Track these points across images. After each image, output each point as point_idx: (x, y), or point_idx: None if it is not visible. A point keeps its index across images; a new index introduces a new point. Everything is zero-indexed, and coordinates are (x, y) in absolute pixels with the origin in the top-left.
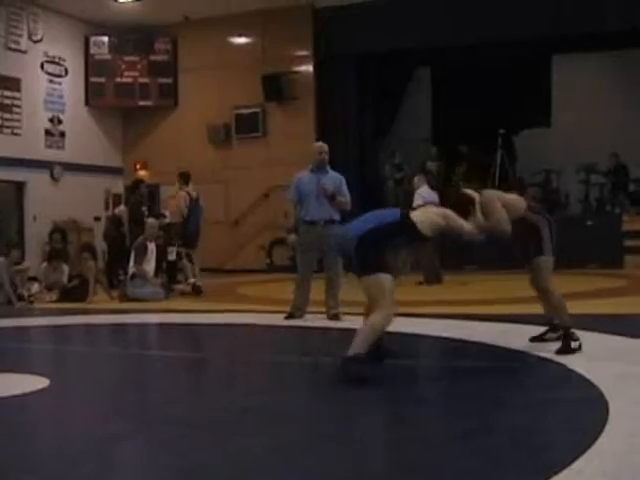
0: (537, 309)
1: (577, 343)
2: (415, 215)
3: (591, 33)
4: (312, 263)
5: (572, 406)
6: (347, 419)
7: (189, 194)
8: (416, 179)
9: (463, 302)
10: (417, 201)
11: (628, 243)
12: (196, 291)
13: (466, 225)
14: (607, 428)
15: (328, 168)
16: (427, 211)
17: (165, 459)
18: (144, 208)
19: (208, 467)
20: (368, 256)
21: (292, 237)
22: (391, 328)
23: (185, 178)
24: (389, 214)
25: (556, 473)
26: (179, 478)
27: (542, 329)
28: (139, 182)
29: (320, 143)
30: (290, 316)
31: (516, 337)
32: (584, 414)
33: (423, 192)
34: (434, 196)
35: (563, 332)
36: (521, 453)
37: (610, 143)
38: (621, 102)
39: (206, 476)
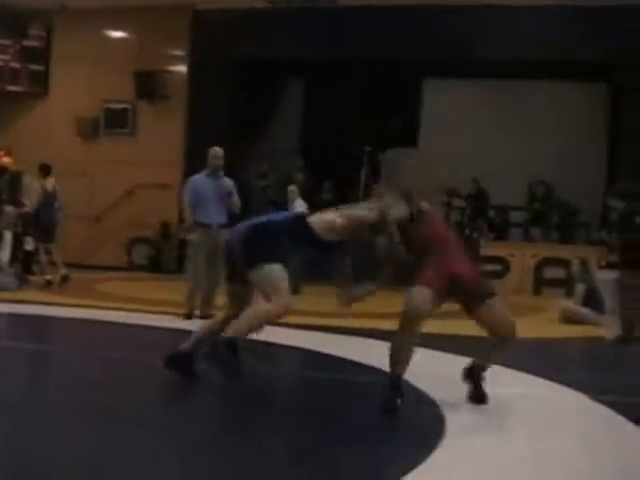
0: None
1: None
2: (309, 218)
3: (464, 60)
4: (203, 264)
5: (409, 422)
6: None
7: (43, 187)
8: (290, 189)
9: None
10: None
11: (484, 267)
12: (64, 280)
13: (368, 213)
14: (442, 444)
15: (221, 173)
16: (322, 214)
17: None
18: (4, 196)
19: (39, 462)
20: (257, 247)
21: (195, 235)
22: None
23: (44, 170)
24: (280, 215)
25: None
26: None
27: None
28: (1, 169)
29: (217, 148)
30: (188, 317)
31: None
32: (422, 430)
33: (298, 204)
34: (304, 207)
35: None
36: (356, 465)
37: (473, 169)
38: (486, 130)
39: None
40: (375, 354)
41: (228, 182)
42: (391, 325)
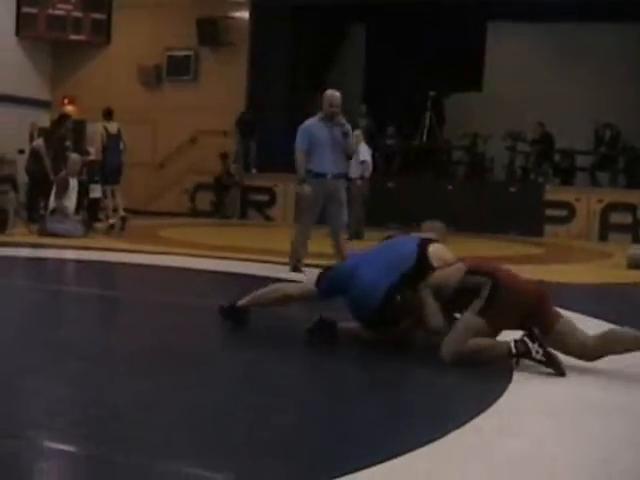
0: None
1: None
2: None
3: (528, 3)
4: (316, 215)
5: (476, 368)
6: (250, 364)
7: (106, 129)
8: (355, 134)
9: None
10: (359, 158)
11: (549, 213)
12: (123, 222)
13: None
14: (509, 388)
15: (338, 118)
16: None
17: (68, 393)
18: (68, 143)
19: (110, 403)
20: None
21: (307, 189)
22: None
23: (105, 114)
24: (405, 252)
25: (456, 428)
26: (79, 412)
27: None
28: (65, 117)
29: (331, 93)
30: (295, 269)
31: None
32: (489, 374)
33: (362, 150)
34: (369, 152)
35: None
36: (424, 408)
37: (538, 113)
38: (551, 74)
39: (109, 412)
40: None
41: (346, 127)
42: None
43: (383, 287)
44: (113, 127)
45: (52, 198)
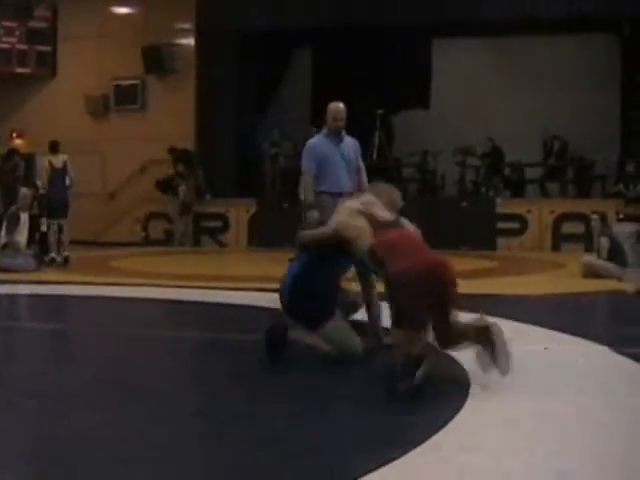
0: None
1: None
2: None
3: (471, 19)
4: None
5: (435, 381)
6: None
7: (51, 163)
8: None
9: None
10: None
11: (501, 225)
12: (66, 262)
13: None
14: (466, 403)
15: (343, 133)
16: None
17: (19, 430)
18: (18, 173)
19: (68, 440)
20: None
21: (315, 214)
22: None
23: (51, 147)
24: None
25: (415, 446)
26: (30, 449)
27: None
28: (13, 151)
29: (334, 105)
30: None
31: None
32: (446, 390)
33: None
34: None
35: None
36: (382, 427)
37: (486, 127)
38: (498, 87)
39: (66, 449)
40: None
41: (354, 143)
42: None
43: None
44: (58, 161)
45: (3, 233)
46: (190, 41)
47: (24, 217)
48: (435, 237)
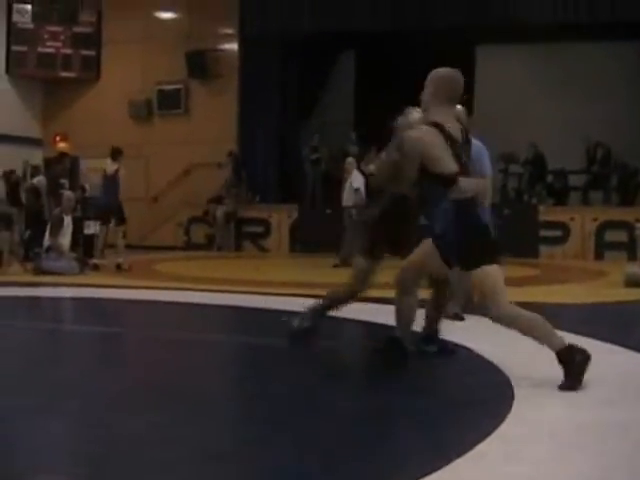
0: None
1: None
2: None
3: (515, 25)
4: None
5: (479, 390)
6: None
7: (104, 170)
8: (348, 161)
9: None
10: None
11: (543, 233)
12: (96, 269)
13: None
14: (512, 412)
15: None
16: None
17: (66, 432)
18: (63, 181)
19: (111, 442)
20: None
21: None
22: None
23: (113, 154)
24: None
25: (459, 456)
26: (78, 451)
27: None
28: (64, 155)
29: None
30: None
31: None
32: (490, 398)
33: (356, 177)
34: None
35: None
36: (426, 436)
37: (529, 134)
38: (541, 94)
39: (108, 451)
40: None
41: (476, 147)
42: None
43: None
44: (111, 167)
45: (47, 236)
46: (233, 46)
47: (68, 220)
48: None
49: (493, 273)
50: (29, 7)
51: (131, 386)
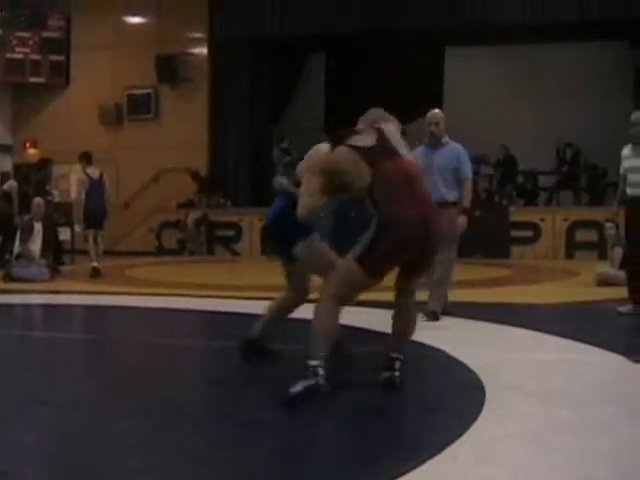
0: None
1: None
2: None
3: (483, 27)
4: None
5: (451, 392)
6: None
7: (88, 175)
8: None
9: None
10: None
11: (514, 234)
12: (95, 274)
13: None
14: (483, 413)
15: (446, 139)
16: None
17: (37, 441)
18: (48, 187)
19: (85, 450)
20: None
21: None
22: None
23: (85, 158)
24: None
25: (431, 457)
26: (49, 459)
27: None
28: (46, 160)
29: (435, 112)
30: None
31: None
32: (462, 400)
33: None
34: None
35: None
36: (397, 437)
37: (499, 135)
38: (511, 96)
39: (82, 458)
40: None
41: (452, 151)
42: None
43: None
44: (95, 172)
45: (17, 242)
46: (203, 50)
47: (38, 227)
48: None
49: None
50: None
51: (100, 392)
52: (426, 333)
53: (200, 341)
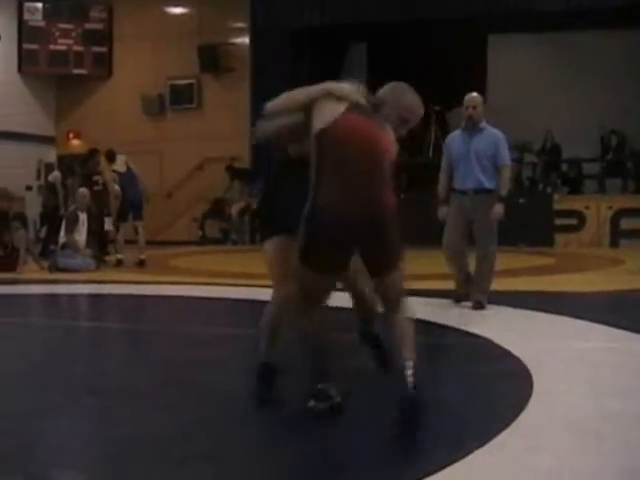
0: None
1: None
2: None
3: (526, 14)
4: (460, 236)
5: (498, 380)
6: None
7: (116, 172)
8: None
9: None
10: None
11: (558, 222)
12: (139, 264)
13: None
14: (530, 402)
15: (484, 124)
16: None
17: (87, 430)
18: (97, 177)
19: (132, 439)
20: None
21: (443, 211)
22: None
23: (108, 157)
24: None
25: (479, 447)
26: (99, 449)
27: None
28: (95, 151)
29: (472, 95)
30: (458, 299)
31: (444, 312)
32: (509, 388)
33: None
34: None
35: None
36: (446, 426)
37: (543, 123)
38: (555, 83)
39: (130, 448)
40: (449, 315)
41: (491, 137)
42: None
43: None
44: (120, 165)
45: (62, 233)
46: (245, 40)
47: (83, 217)
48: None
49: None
50: (40, 5)
51: (153, 382)
52: (472, 321)
53: (245, 330)
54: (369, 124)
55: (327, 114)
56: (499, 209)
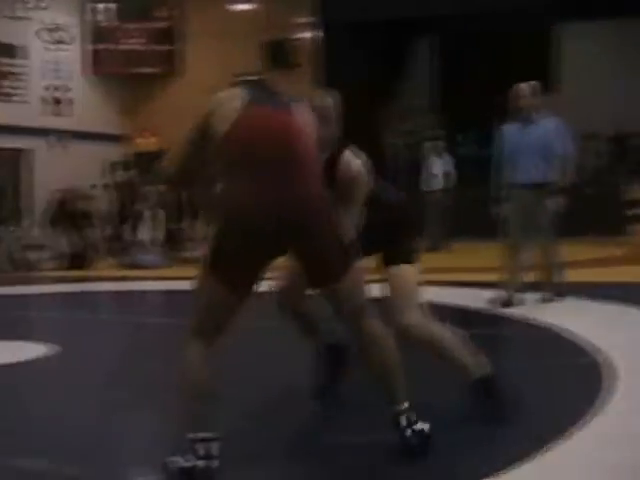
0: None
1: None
2: None
3: (593, 1)
4: (523, 229)
5: (578, 372)
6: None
7: None
8: (440, 144)
9: (451, 269)
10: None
11: (629, 212)
12: None
13: None
14: (615, 395)
15: (540, 115)
16: None
17: (167, 426)
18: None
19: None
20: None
21: (500, 208)
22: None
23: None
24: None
25: (553, 440)
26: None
27: None
28: (162, 150)
29: (520, 85)
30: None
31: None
32: (590, 381)
33: (440, 161)
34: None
35: None
36: (526, 419)
37: (610, 112)
38: (624, 71)
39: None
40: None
41: (549, 125)
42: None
43: None
44: None
45: (132, 230)
46: (311, 35)
47: (147, 214)
48: (560, 225)
49: None
50: (110, 5)
51: (228, 379)
52: (548, 313)
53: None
54: (274, 112)
55: (227, 115)
56: (558, 200)
